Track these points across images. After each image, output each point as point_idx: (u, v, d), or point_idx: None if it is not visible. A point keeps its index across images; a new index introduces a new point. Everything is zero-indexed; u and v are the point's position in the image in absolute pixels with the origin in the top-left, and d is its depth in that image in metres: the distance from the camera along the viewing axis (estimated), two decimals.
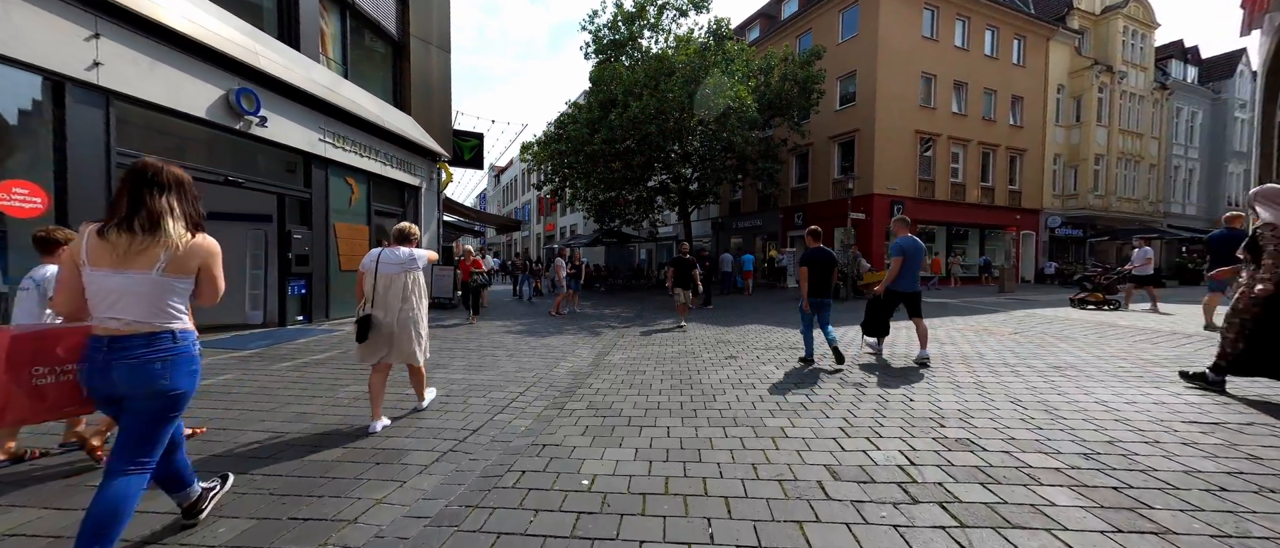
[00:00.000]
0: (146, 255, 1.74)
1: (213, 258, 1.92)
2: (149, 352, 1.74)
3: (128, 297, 1.73)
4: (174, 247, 1.78)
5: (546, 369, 5.47)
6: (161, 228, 1.75)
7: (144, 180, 1.78)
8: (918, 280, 5.47)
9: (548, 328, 8.98)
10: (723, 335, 7.95)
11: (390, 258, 3.52)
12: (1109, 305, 10.91)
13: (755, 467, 2.75)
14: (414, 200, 11.84)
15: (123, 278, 1.72)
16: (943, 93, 20.78)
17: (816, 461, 2.82)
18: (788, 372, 5.19)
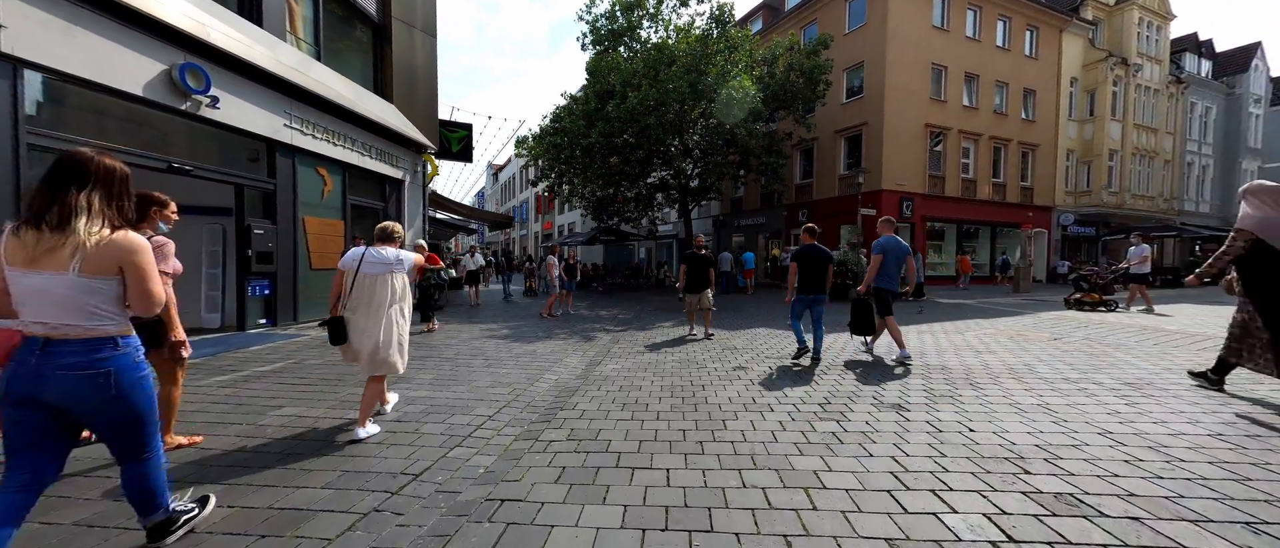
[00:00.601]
0: (56, 255, 1.64)
1: (135, 255, 1.73)
2: (88, 360, 1.68)
3: (47, 298, 1.65)
4: (81, 244, 1.65)
5: (527, 384, 4.70)
6: (71, 225, 1.65)
7: (65, 173, 1.69)
8: (896, 280, 5.59)
9: (536, 332, 8.22)
10: (729, 341, 7.19)
11: (375, 258, 3.28)
12: (1105, 306, 10.26)
13: (789, 541, 1.99)
14: (396, 194, 11.06)
15: (39, 278, 1.64)
16: (953, 85, 20.00)
17: (872, 529, 2.06)
18: (808, 387, 4.42)
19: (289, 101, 7.75)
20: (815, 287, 5.51)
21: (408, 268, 3.44)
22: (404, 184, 11.17)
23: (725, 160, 17.65)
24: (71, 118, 5.41)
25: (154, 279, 1.76)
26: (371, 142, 9.87)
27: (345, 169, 9.27)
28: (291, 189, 7.99)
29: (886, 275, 5.49)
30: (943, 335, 7.52)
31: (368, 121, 9.35)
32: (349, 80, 9.37)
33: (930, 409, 3.71)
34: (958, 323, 8.98)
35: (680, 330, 8.35)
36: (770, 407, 3.85)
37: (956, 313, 10.69)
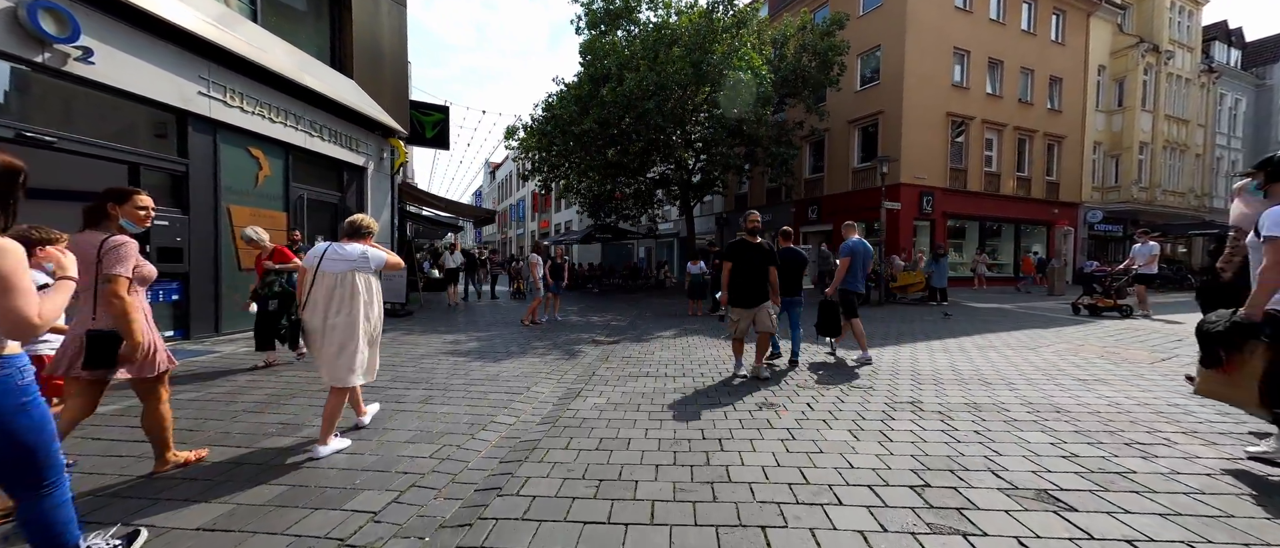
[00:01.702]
0: None
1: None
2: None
3: None
4: None
5: (468, 434, 3.31)
6: None
7: None
8: (861, 282, 5.64)
9: (510, 346, 6.82)
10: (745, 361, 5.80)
11: (336, 254, 2.97)
12: (1120, 311, 9.25)
13: None
14: (358, 183, 9.67)
15: None
16: (976, 72, 18.57)
17: None
18: (880, 441, 3.02)
19: (205, 64, 6.35)
20: (792, 289, 5.52)
21: (375, 267, 3.05)
22: (366, 172, 9.77)
23: (731, 151, 16.24)
24: None
25: (17, 294, 1.39)
26: (324, 121, 8.48)
27: (288, 151, 7.87)
28: (211, 172, 6.59)
29: (851, 278, 5.50)
30: (1020, 355, 6.10)
31: (319, 97, 7.97)
32: (295, 48, 7.97)
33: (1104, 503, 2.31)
34: (1016, 334, 7.58)
35: (684, 341, 6.95)
36: (840, 493, 2.44)
37: (998, 320, 9.28)
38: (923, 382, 4.62)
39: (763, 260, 4.77)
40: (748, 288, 4.76)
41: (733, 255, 4.85)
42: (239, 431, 3.33)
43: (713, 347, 6.67)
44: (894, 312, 10.79)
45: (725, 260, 4.88)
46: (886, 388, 4.38)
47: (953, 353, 6.02)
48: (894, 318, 9.64)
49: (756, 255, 4.77)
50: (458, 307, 12.50)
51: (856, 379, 4.73)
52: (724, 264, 4.88)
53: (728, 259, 4.87)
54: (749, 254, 4.79)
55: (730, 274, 4.83)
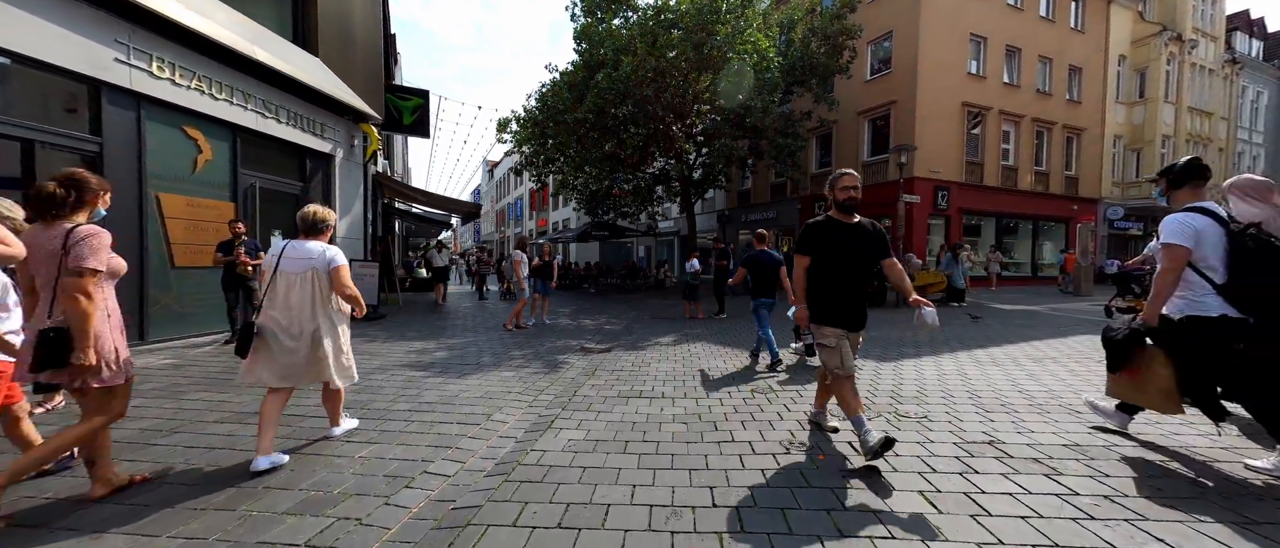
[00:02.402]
0: None
1: None
2: None
3: None
4: None
5: (389, 490, 2.38)
6: None
7: None
8: None
9: (485, 354, 5.89)
10: (755, 366, 4.86)
11: (296, 253, 2.75)
12: None
13: None
14: (323, 172, 8.73)
15: None
16: (993, 59, 17.61)
17: None
18: (977, 515, 2.08)
19: (124, 26, 5.42)
20: (768, 290, 5.42)
21: (332, 262, 2.79)
22: (334, 160, 8.83)
23: (733, 143, 15.28)
24: None
25: None
26: (282, 102, 7.55)
27: (236, 133, 6.93)
28: (134, 154, 5.66)
29: None
30: (1089, 369, 5.16)
31: (274, 74, 7.03)
32: (246, 18, 7.03)
33: None
34: (1069, 342, 6.64)
35: (685, 350, 6.00)
36: None
37: (1041, 324, 8.33)
38: (990, 409, 3.67)
39: (870, 249, 2.83)
40: (851, 296, 2.82)
41: (818, 244, 2.84)
42: None
43: (718, 356, 5.72)
44: (909, 313, 9.82)
45: (803, 253, 2.90)
46: (946, 418, 3.44)
47: (1005, 367, 5.08)
48: (911, 321, 8.69)
49: (859, 241, 2.80)
50: (442, 306, 11.94)
51: (898, 403, 3.78)
52: (800, 258, 2.92)
53: (808, 251, 2.88)
54: (845, 241, 2.79)
55: (817, 275, 2.86)
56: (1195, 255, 2.47)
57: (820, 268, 2.85)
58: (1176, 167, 2.69)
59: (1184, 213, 2.54)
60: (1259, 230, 2.45)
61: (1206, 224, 2.46)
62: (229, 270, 5.99)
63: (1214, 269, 2.46)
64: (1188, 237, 2.46)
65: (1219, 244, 2.45)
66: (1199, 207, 2.54)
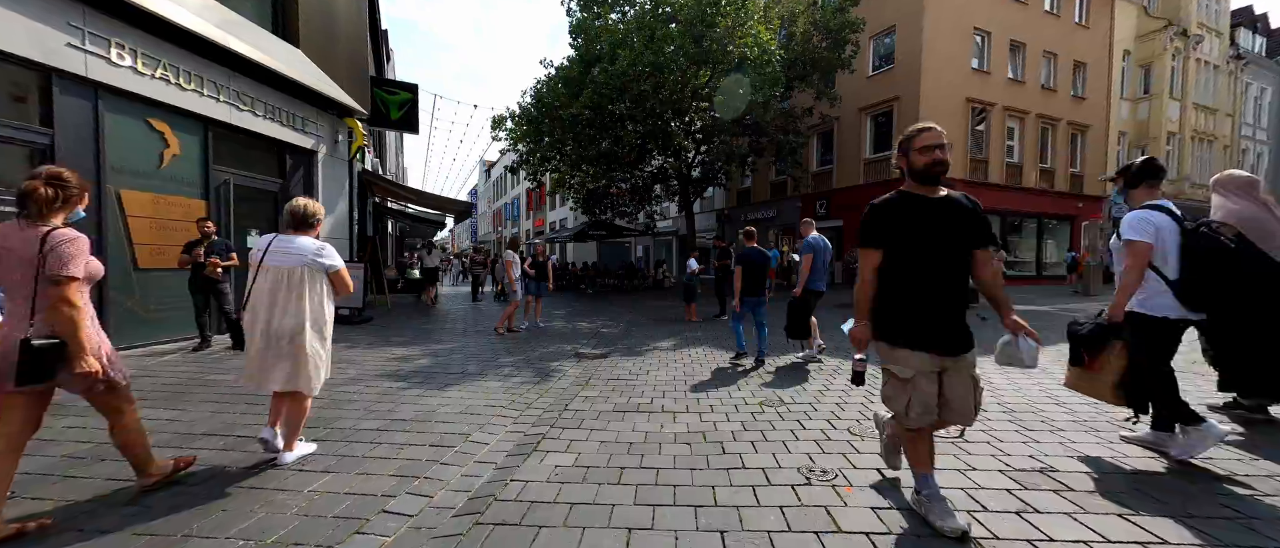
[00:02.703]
0: None
1: None
2: None
3: None
4: None
5: (336, 534, 1.98)
6: None
7: None
8: (824, 280, 5.37)
9: (472, 361, 5.49)
10: (763, 377, 4.47)
11: (284, 247, 2.63)
12: None
13: None
14: (305, 169, 8.32)
15: None
16: (997, 54, 17.27)
17: None
18: None
19: (77, 8, 5.00)
20: (758, 289, 5.31)
21: (329, 267, 2.68)
22: (317, 156, 8.42)
23: (732, 142, 14.89)
24: None
25: None
26: (259, 94, 7.14)
27: (207, 126, 6.52)
28: (91, 148, 5.24)
29: (814, 276, 5.23)
30: None
31: (250, 64, 6.61)
32: (218, 4, 6.61)
33: None
34: None
35: (686, 355, 5.60)
36: None
37: (1061, 326, 7.96)
38: (1030, 427, 3.29)
39: (966, 233, 2.00)
40: (942, 302, 2.00)
41: (893, 232, 2.00)
42: None
43: (721, 362, 5.33)
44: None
45: (871, 246, 2.05)
46: (985, 439, 3.05)
47: (1034, 374, 4.70)
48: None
49: (951, 223, 1.98)
50: (433, 306, 11.71)
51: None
52: (866, 254, 2.06)
53: (878, 242, 2.03)
54: (931, 223, 1.97)
55: (892, 276, 2.03)
56: (1154, 252, 2.47)
57: (896, 265, 1.99)
58: (1134, 166, 2.69)
59: (1145, 210, 2.55)
60: (1210, 229, 2.47)
61: (1165, 221, 2.48)
62: (197, 272, 5.58)
63: (1169, 267, 2.47)
64: (1149, 233, 2.47)
65: (1175, 242, 2.47)
66: (1157, 204, 2.56)
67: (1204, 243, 2.43)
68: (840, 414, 3.56)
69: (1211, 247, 2.42)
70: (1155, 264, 2.48)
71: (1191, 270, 2.42)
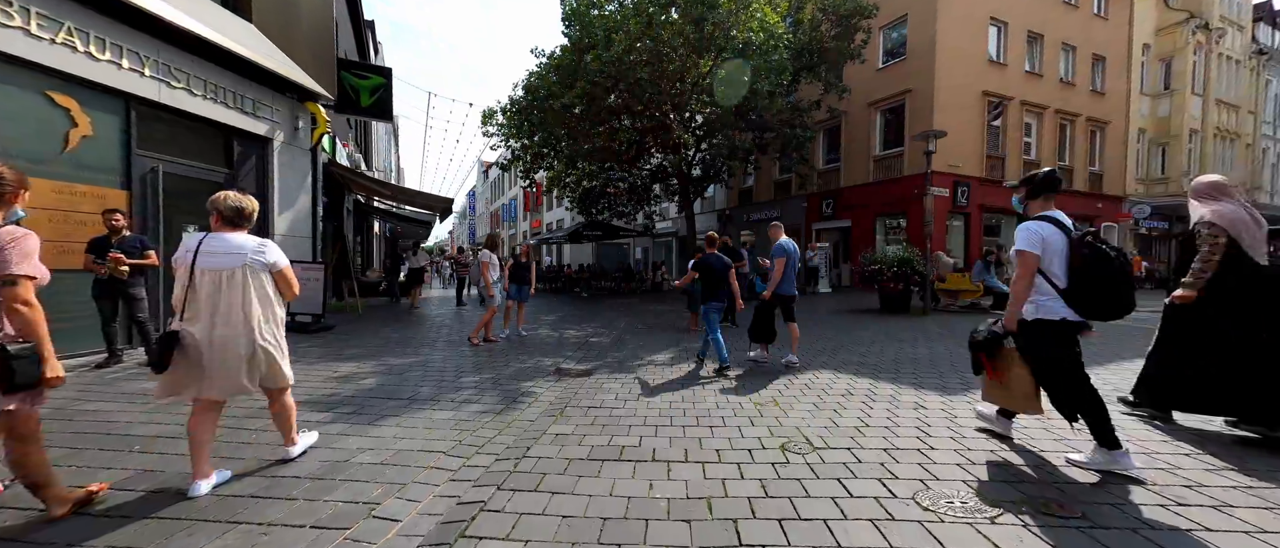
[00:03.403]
0: None
1: None
2: None
3: None
4: None
5: None
6: None
7: None
8: (794, 284, 5.33)
9: (427, 382, 4.58)
10: (778, 407, 3.56)
11: (216, 247, 2.39)
12: None
13: None
14: (259, 158, 7.42)
15: None
16: (1014, 46, 16.40)
17: None
18: None
19: None
20: (719, 295, 5.16)
21: (270, 264, 2.48)
22: (272, 145, 7.52)
23: (737, 134, 14.00)
24: None
25: None
26: (198, 70, 6.25)
27: (129, 104, 5.62)
28: None
29: (785, 280, 5.18)
30: None
31: (183, 34, 5.72)
32: None
33: None
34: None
35: (685, 373, 4.67)
36: None
37: (1100, 338, 7.05)
38: (1160, 493, 2.38)
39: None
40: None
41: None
42: None
43: (727, 380, 4.42)
44: (944, 323, 8.55)
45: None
46: (1110, 502, 2.14)
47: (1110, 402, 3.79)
48: (948, 332, 7.40)
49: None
50: (414, 308, 11.19)
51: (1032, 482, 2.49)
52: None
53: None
54: None
55: None
56: (1043, 262, 2.59)
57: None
58: (1037, 177, 2.77)
59: (1035, 221, 2.67)
60: (1095, 238, 2.56)
61: (1052, 232, 2.60)
62: None
63: (1057, 275, 2.58)
64: (1036, 244, 2.60)
65: (1062, 251, 2.57)
66: (1047, 216, 2.67)
67: (1087, 252, 2.51)
68: (895, 467, 2.64)
69: (1094, 256, 2.49)
70: (1045, 273, 2.59)
71: (1077, 278, 2.52)
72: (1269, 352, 2.79)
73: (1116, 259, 2.49)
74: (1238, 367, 2.85)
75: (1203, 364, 2.97)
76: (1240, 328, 2.84)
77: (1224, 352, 2.91)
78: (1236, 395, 2.90)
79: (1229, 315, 2.88)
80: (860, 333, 7.48)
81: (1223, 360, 2.91)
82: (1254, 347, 2.82)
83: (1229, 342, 2.88)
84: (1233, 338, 2.86)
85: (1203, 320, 2.98)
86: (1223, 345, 2.91)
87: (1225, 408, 2.98)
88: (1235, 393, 2.89)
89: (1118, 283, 2.45)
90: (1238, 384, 2.86)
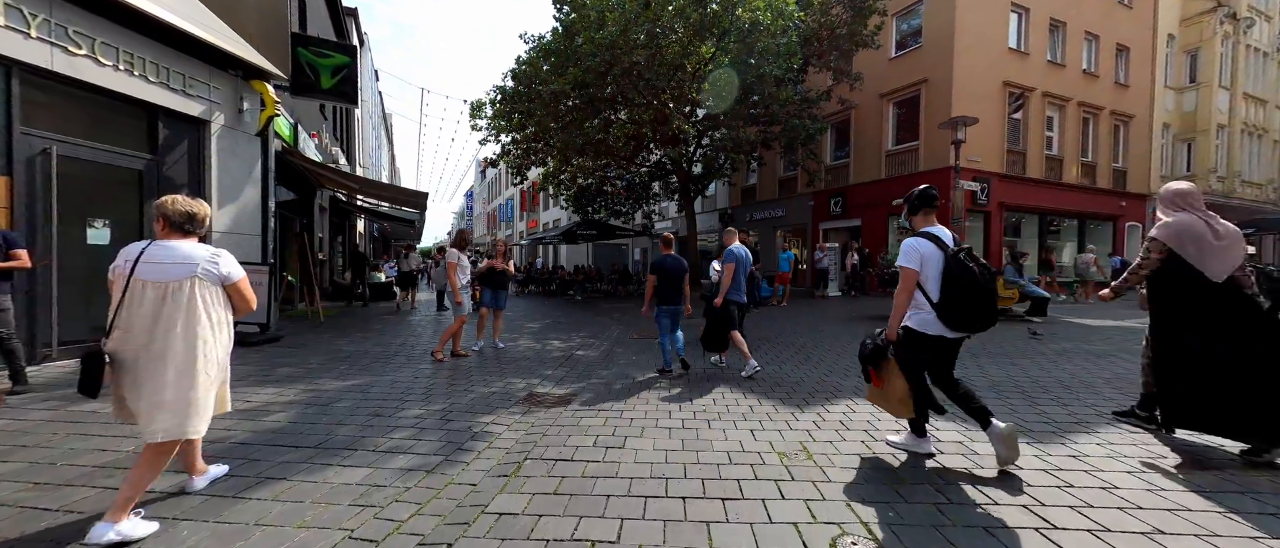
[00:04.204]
0: None
1: None
2: None
3: None
4: None
5: None
6: None
7: None
8: (743, 290, 5.11)
9: (362, 409, 3.59)
10: (807, 442, 2.57)
11: (161, 257, 2.11)
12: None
13: None
14: (194, 143, 6.43)
15: None
16: (1036, 34, 15.41)
17: None
18: None
19: None
20: (676, 297, 4.99)
21: (224, 277, 2.22)
22: (210, 128, 6.52)
23: (741, 124, 13.01)
24: None
25: None
26: (112, 37, 5.28)
27: (9, 72, 4.63)
28: None
29: (736, 286, 5.00)
30: None
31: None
32: None
33: None
34: None
35: (687, 394, 3.65)
36: None
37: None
38: None
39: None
40: None
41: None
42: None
43: (741, 408, 3.41)
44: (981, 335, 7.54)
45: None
46: None
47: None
48: (995, 350, 6.38)
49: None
50: (410, 310, 10.98)
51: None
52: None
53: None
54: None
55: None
56: (921, 276, 2.66)
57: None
58: (913, 194, 2.83)
59: (915, 237, 2.74)
60: (967, 255, 2.62)
61: (930, 248, 2.66)
62: None
63: (932, 289, 2.64)
64: (914, 260, 2.68)
65: (938, 266, 2.62)
66: (927, 232, 2.74)
67: (955, 268, 2.56)
68: None
69: (960, 272, 2.55)
70: (923, 286, 2.66)
71: (945, 293, 2.58)
72: (1227, 367, 2.69)
73: (980, 275, 2.55)
74: (1204, 382, 2.78)
75: (1169, 378, 2.92)
76: (1201, 343, 2.77)
77: (1189, 367, 2.82)
78: (1206, 411, 2.81)
79: (1191, 330, 2.81)
80: None
81: (1186, 375, 2.84)
82: (1213, 362, 2.73)
83: (1193, 356, 2.80)
84: (1195, 353, 2.78)
85: (1172, 335, 2.89)
86: (1187, 360, 2.83)
87: (1201, 424, 2.88)
88: (1204, 408, 2.81)
89: (979, 298, 2.53)
90: (1205, 400, 2.79)
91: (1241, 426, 2.70)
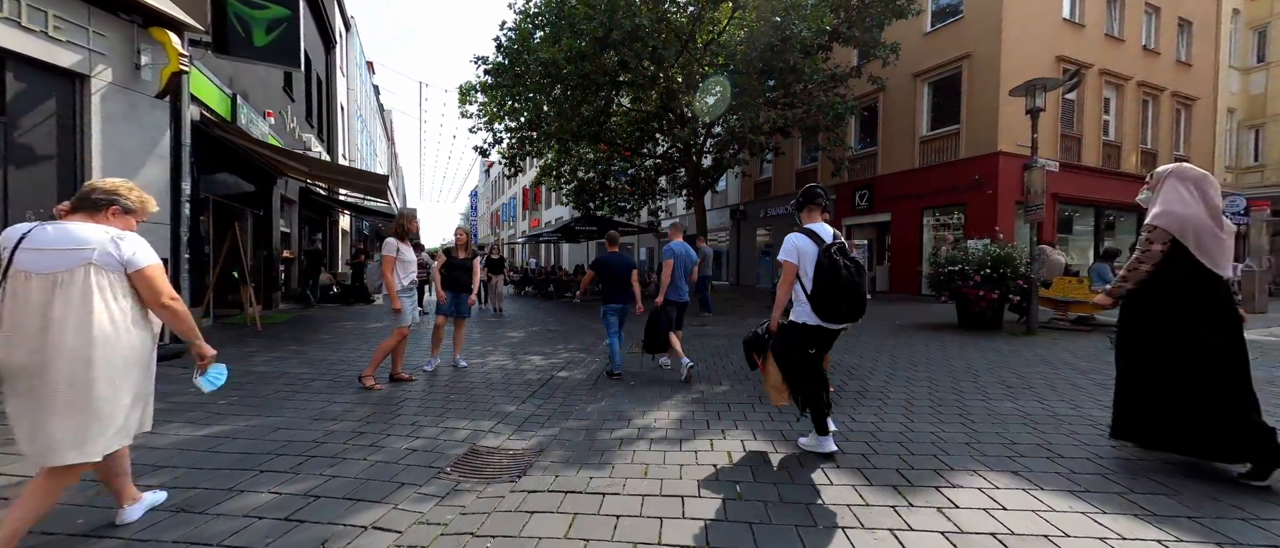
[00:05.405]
0: None
1: None
2: None
3: None
4: None
5: None
6: None
7: None
8: (684, 290, 5.04)
9: (194, 479, 2.09)
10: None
11: (47, 241, 1.70)
12: None
13: None
14: (65, 105, 5.00)
15: None
16: (1092, 5, 13.67)
17: None
18: None
19: None
20: (623, 296, 4.77)
21: (126, 262, 1.75)
22: (88, 84, 5.08)
23: (759, 104, 11.42)
24: None
25: None
26: None
27: None
28: None
29: (673, 285, 4.90)
30: None
31: None
32: None
33: None
34: None
35: (692, 431, 2.09)
36: None
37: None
38: None
39: None
40: None
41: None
42: None
43: (772, 482, 1.91)
44: (1062, 347, 5.93)
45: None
46: None
47: None
48: (1086, 366, 4.76)
49: None
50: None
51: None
52: None
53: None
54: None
55: None
56: (800, 270, 2.76)
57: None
58: (800, 192, 2.92)
59: (794, 234, 2.83)
60: (839, 251, 2.66)
61: (807, 244, 2.75)
62: None
63: (807, 282, 2.73)
64: (792, 254, 2.79)
65: (812, 262, 2.70)
66: (807, 228, 2.80)
67: (824, 262, 2.65)
68: None
69: (828, 265, 2.62)
70: (802, 280, 2.76)
71: (816, 286, 2.67)
72: (1188, 377, 2.47)
73: (846, 271, 2.62)
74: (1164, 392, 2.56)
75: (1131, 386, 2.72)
76: (1173, 348, 2.54)
77: (1153, 375, 2.61)
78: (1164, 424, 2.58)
79: (1169, 334, 2.55)
80: (955, 367, 4.91)
81: (1146, 384, 2.64)
82: (1179, 370, 2.50)
83: (1160, 364, 2.58)
84: (1163, 360, 2.57)
85: (1145, 340, 2.65)
86: (1154, 367, 2.60)
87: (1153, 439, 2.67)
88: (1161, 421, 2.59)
89: (843, 291, 2.62)
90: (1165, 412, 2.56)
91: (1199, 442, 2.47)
